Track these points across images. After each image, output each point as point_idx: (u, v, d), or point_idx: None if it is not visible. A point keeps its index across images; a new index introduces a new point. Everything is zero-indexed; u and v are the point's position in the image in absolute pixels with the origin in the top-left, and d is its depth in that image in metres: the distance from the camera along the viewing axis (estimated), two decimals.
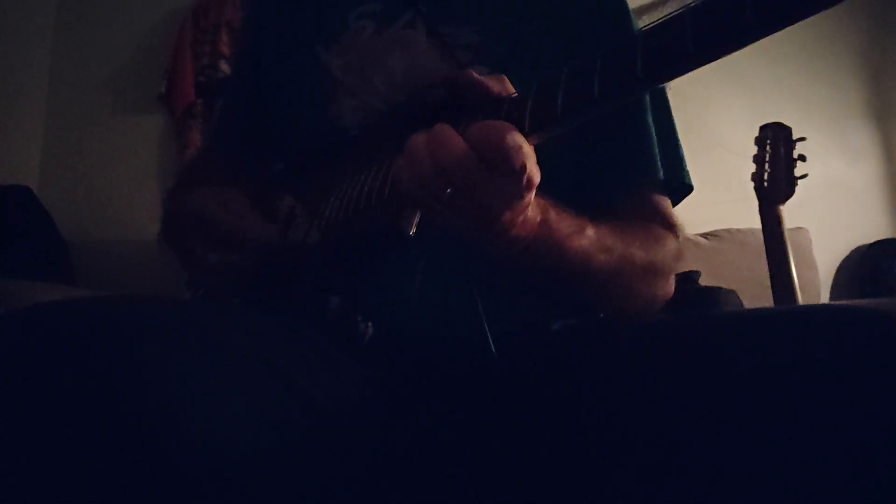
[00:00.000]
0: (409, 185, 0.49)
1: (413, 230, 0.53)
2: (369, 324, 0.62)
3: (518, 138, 0.45)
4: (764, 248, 1.53)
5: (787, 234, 1.51)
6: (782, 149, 1.56)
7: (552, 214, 0.56)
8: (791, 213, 1.54)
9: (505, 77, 0.54)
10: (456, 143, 0.46)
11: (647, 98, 0.76)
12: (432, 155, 0.47)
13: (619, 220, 0.66)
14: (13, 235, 1.96)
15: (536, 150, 0.48)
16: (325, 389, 0.53)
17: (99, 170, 2.36)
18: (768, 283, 1.50)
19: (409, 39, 0.76)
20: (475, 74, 0.54)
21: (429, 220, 0.52)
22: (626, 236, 0.65)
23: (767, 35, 0.37)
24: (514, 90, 0.53)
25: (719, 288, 1.70)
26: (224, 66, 2.30)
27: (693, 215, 1.48)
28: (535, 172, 0.48)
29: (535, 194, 0.51)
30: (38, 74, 2.40)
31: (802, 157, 1.55)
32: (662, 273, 0.70)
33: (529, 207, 0.52)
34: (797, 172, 1.54)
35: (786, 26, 0.36)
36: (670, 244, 0.71)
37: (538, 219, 0.54)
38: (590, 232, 0.60)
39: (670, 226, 0.73)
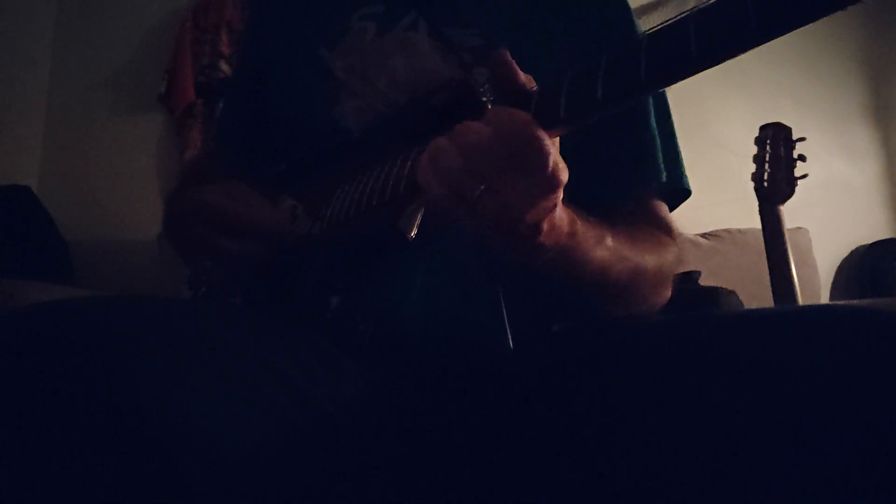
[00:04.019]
0: (437, 186, 0.47)
1: (414, 232, 0.53)
2: (370, 324, 0.63)
3: (542, 131, 0.44)
4: (764, 248, 1.53)
5: (787, 234, 1.51)
6: (782, 149, 1.56)
7: (579, 226, 0.55)
8: (791, 213, 1.54)
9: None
10: (480, 127, 0.45)
11: (650, 102, 0.77)
12: (459, 145, 0.45)
13: (629, 226, 0.66)
14: (13, 235, 1.95)
15: None
16: (325, 390, 0.53)
17: (99, 170, 2.36)
18: (768, 283, 1.50)
19: (411, 41, 0.76)
20: (508, 55, 0.50)
21: (453, 226, 0.50)
22: (638, 244, 0.65)
23: (770, 40, 0.37)
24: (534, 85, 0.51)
25: (719, 288, 1.69)
26: (224, 66, 2.30)
27: (693, 215, 1.48)
28: (561, 169, 0.46)
29: (563, 205, 0.50)
30: (38, 74, 2.40)
31: (802, 157, 1.55)
32: (667, 279, 0.70)
33: (558, 216, 0.50)
34: (797, 172, 1.54)
35: (788, 31, 0.36)
36: (673, 251, 0.71)
37: (566, 230, 0.53)
38: (609, 242, 0.59)
39: (669, 231, 0.74)
